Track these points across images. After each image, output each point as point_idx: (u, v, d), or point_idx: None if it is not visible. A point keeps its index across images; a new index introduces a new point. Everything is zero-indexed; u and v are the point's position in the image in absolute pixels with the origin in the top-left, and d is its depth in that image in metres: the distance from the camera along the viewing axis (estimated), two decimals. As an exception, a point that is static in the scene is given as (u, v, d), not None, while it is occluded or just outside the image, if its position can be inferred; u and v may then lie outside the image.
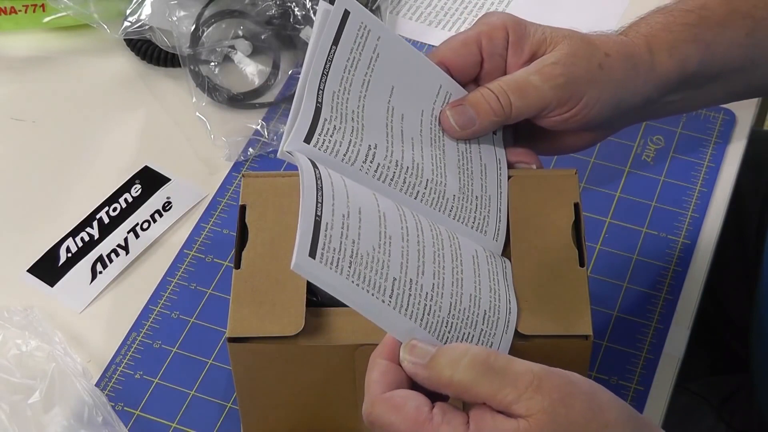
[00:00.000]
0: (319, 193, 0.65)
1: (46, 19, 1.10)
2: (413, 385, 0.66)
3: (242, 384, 0.78)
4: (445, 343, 0.68)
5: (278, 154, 0.74)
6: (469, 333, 0.70)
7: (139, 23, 1.06)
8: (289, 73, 1.07)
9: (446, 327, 0.69)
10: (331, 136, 0.75)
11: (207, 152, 1.02)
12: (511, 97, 0.79)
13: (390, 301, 0.67)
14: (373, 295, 0.66)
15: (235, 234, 0.78)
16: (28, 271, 0.94)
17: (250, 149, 1.02)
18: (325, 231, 0.65)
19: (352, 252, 0.66)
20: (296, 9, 1.06)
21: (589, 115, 0.80)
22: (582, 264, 0.76)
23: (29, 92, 1.08)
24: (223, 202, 0.98)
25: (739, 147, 1.02)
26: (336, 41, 0.76)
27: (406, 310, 0.67)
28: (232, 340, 0.74)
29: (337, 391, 0.78)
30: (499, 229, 0.78)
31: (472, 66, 0.81)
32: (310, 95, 0.75)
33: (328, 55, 0.76)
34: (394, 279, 0.67)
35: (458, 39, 0.82)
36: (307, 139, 0.74)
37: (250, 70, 1.07)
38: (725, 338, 1.12)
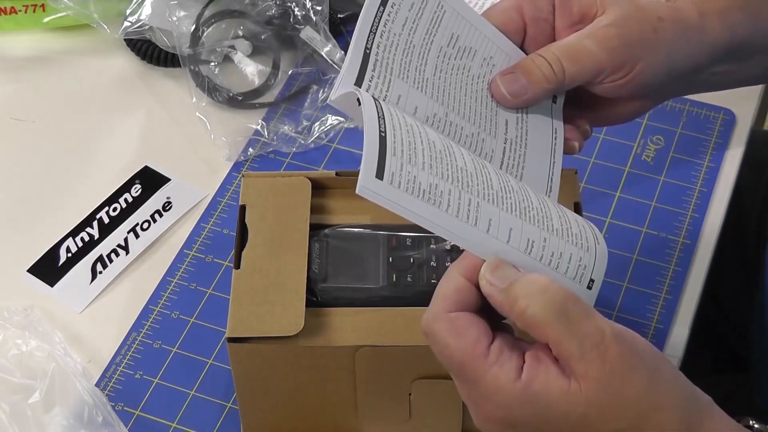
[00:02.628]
0: (379, 105, 0.62)
1: (46, 19, 1.10)
2: (482, 307, 0.65)
3: (242, 384, 0.78)
4: (540, 260, 0.66)
5: (329, 100, 0.70)
6: (566, 249, 0.67)
7: (139, 23, 1.06)
8: (289, 73, 1.07)
9: (542, 243, 0.66)
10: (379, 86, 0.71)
11: (207, 152, 1.02)
12: (564, 63, 0.75)
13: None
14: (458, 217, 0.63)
15: (235, 234, 0.78)
16: (28, 271, 0.94)
17: (250, 149, 1.02)
18: (393, 144, 0.61)
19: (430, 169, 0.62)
20: (296, 9, 1.06)
21: (643, 80, 0.77)
22: (582, 264, 0.76)
23: (29, 92, 1.08)
24: (223, 202, 0.98)
25: (739, 147, 1.02)
26: (384, 2, 0.71)
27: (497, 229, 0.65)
28: (231, 340, 0.74)
29: (337, 392, 0.78)
30: (551, 189, 0.76)
31: (513, 33, 0.77)
32: (356, 51, 0.69)
33: (376, 14, 0.70)
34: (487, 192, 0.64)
35: (497, 8, 0.78)
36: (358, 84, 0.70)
37: (250, 70, 1.07)
38: (725, 338, 1.12)
